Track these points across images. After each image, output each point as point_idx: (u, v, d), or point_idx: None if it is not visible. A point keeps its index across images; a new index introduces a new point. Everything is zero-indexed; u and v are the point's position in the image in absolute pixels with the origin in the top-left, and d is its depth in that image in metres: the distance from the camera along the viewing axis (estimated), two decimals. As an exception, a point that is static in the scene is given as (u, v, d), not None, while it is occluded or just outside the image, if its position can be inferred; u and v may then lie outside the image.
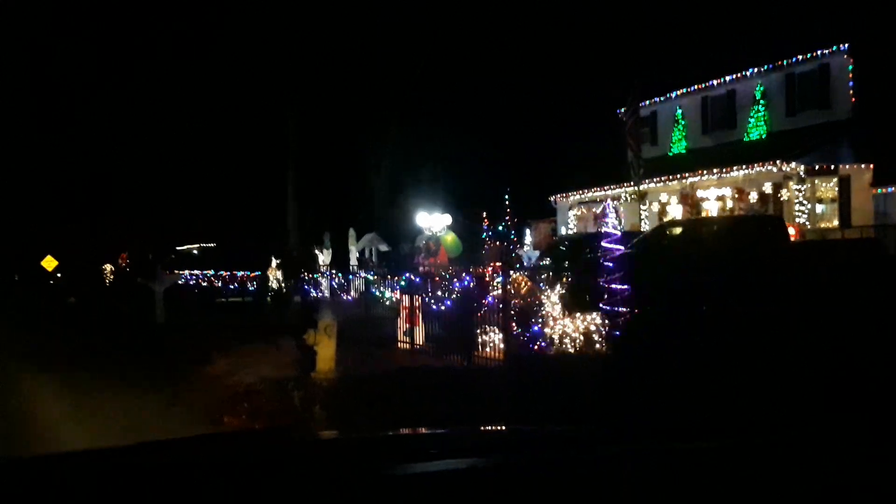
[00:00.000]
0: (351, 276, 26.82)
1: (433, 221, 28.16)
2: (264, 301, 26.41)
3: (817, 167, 25.11)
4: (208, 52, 43.04)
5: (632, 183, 29.08)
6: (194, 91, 44.76)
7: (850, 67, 26.13)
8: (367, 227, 38.04)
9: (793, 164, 24.81)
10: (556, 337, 14.33)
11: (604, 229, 16.41)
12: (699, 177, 28.48)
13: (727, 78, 31.12)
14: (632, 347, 14.56)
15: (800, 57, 27.78)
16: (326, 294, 25.46)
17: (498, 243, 24.43)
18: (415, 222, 30.57)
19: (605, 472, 2.37)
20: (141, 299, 24.61)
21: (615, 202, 33.83)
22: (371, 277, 23.93)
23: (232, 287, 29.91)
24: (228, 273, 30.46)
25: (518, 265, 20.70)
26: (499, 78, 45.85)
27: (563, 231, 37.56)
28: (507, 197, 28.92)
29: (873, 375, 10.04)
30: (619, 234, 16.15)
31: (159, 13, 44.95)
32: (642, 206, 32.49)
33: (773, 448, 2.59)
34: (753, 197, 27.37)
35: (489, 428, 3.49)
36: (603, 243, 16.16)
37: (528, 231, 39.60)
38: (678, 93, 33.78)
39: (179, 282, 27.88)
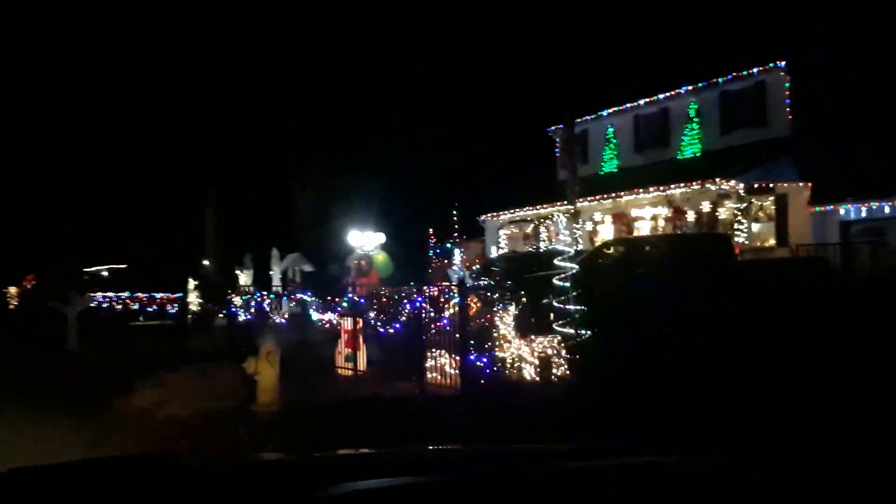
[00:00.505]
0: (285, 298, 25.44)
1: (366, 240, 27.08)
2: (186, 324, 24.87)
3: (756, 185, 24.81)
4: (122, 63, 41.27)
5: (565, 202, 28.51)
6: (105, 104, 42.84)
7: (787, 85, 25.99)
8: (291, 246, 36.67)
9: (732, 182, 24.46)
10: (511, 361, 13.39)
11: (558, 246, 15.58)
12: (635, 195, 27.99)
13: (660, 96, 30.83)
14: (590, 370, 13.76)
15: (735, 74, 27.58)
16: (251, 317, 24.03)
17: (445, 262, 23.51)
18: (345, 242, 29.47)
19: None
20: (52, 324, 22.83)
21: (548, 221, 33.34)
22: (309, 299, 22.64)
23: (150, 310, 28.23)
24: (146, 295, 28.78)
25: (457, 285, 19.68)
26: (427, 98, 45.15)
27: (493, 251, 36.79)
28: (454, 213, 28.02)
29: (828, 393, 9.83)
30: (572, 251, 15.32)
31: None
32: (575, 225, 31.84)
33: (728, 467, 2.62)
34: (691, 215, 27.01)
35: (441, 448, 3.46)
36: (556, 261, 15.32)
37: (457, 251, 38.78)
38: (610, 111, 33.40)
39: (92, 305, 26.15)
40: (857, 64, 24.35)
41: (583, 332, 14.58)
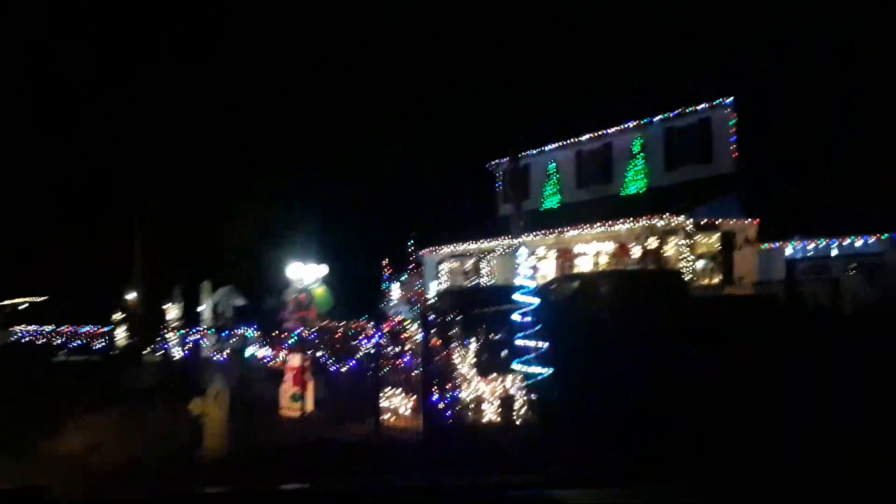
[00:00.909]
0: (225, 334, 24.25)
1: (306, 273, 26.07)
2: (114, 360, 23.54)
3: (704, 221, 24.64)
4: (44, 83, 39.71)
5: (508, 236, 28.01)
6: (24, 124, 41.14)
7: (733, 122, 25.96)
8: (223, 279, 35.39)
9: (681, 218, 24.21)
10: (473, 401, 12.62)
11: (518, 281, 14.91)
12: (580, 230, 27.60)
13: (604, 131, 30.63)
14: (555, 411, 13.08)
15: (680, 111, 27.50)
16: (187, 352, 22.79)
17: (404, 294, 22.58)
18: (283, 274, 28.43)
19: None
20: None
21: (490, 255, 32.80)
22: (252, 334, 21.53)
23: (75, 344, 26.75)
24: (71, 328, 27.30)
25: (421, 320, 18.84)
26: (365, 130, 44.49)
27: (434, 286, 36.08)
28: (411, 243, 27.17)
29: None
30: (534, 285, 14.65)
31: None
32: (517, 261, 31.30)
33: None
34: (636, 252, 26.70)
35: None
36: (517, 296, 14.63)
37: (394, 285, 37.93)
38: (552, 146, 33.10)
39: (11, 339, 24.64)
40: (803, 101, 24.42)
41: (542, 370, 13.88)
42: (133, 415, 12.79)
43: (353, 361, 13.19)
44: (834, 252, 23.15)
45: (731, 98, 25.94)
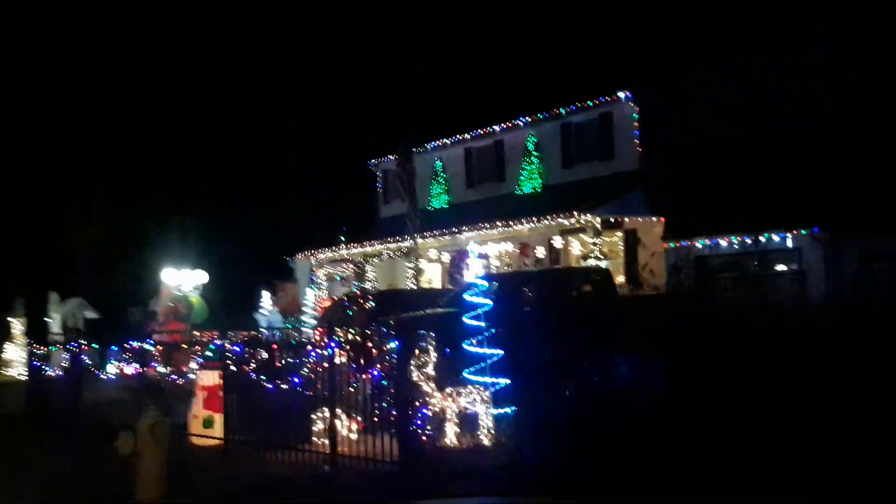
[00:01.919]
0: (115, 348, 21.32)
1: (184, 279, 23.48)
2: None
3: (613, 220, 23.62)
4: None
5: (394, 238, 26.36)
6: None
7: (636, 116, 25.09)
8: (73, 290, 32.01)
9: (588, 216, 23.08)
10: (437, 419, 10.80)
11: (467, 279, 13.18)
12: (478, 230, 26.12)
13: (495, 128, 29.32)
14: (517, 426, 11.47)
15: (578, 105, 26.47)
16: (61, 373, 19.75)
17: (334, 299, 20.22)
18: (150, 283, 25.73)
19: None
20: None
21: (377, 259, 30.89)
22: (151, 348, 18.81)
23: None
24: None
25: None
26: (239, 129, 41.76)
27: (311, 293, 33.81)
28: (342, 238, 24.79)
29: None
30: (487, 285, 12.93)
31: None
32: (408, 264, 29.61)
33: None
34: (540, 252, 25.48)
35: None
36: (466, 296, 12.89)
37: (266, 293, 35.24)
38: (438, 143, 31.57)
39: None
40: (709, 94, 23.82)
41: (498, 381, 12.19)
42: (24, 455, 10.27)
43: (296, 377, 11.07)
44: (746, 249, 22.51)
45: (632, 93, 25.04)
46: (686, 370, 12.36)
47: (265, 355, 12.25)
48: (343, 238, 31.99)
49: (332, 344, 10.30)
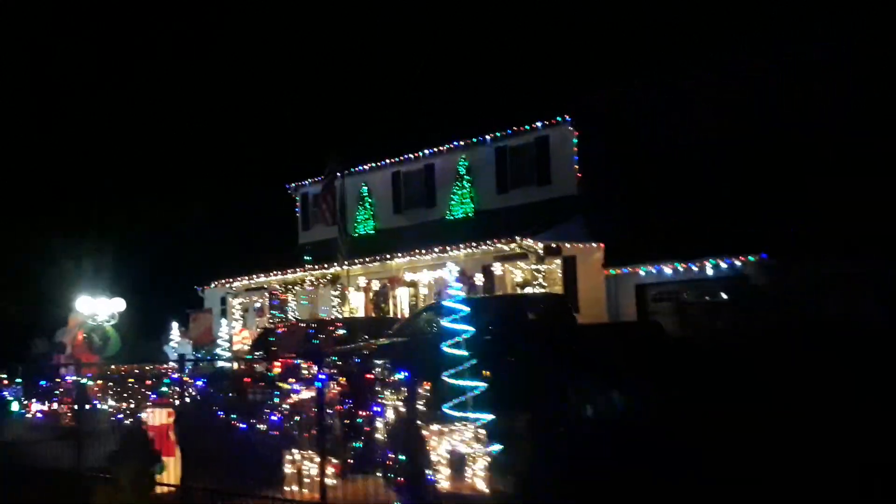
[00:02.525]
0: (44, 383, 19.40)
1: (99, 308, 21.67)
2: None
3: (555, 245, 22.93)
4: None
5: (328, 264, 25.15)
6: None
7: (575, 141, 24.53)
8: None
9: (529, 242, 22.30)
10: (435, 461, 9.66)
11: (447, 302, 12.15)
12: (411, 256, 25.07)
13: (425, 151, 28.42)
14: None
15: (514, 129, 25.80)
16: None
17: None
18: (54, 312, 23.81)
19: None
20: None
21: (297, 287, 29.45)
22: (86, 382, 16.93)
23: None
24: None
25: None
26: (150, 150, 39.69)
27: (224, 323, 32.04)
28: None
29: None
30: (466, 309, 11.90)
31: None
32: (333, 292, 28.31)
33: None
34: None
35: None
36: (444, 322, 11.83)
37: (175, 324, 33.24)
38: (365, 167, 30.47)
39: None
40: (649, 118, 23.45)
41: (482, 416, 11.12)
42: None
43: (275, 415, 9.77)
44: (691, 276, 22.07)
45: (571, 116, 24.51)
46: (682, 400, 11.58)
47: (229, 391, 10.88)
48: (253, 266, 30.46)
49: (322, 375, 9.06)
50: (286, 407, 9.84)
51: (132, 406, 13.51)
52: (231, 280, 31.65)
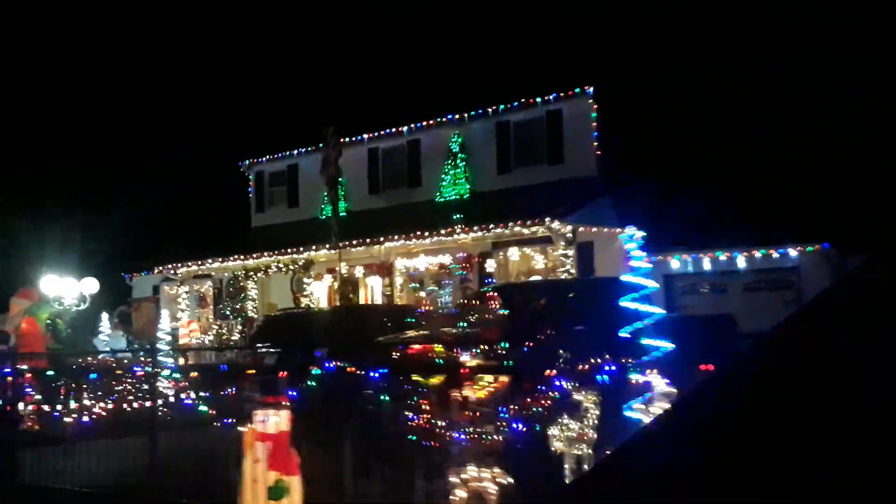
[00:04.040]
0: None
1: (65, 290, 18.10)
2: None
3: (582, 229, 20.57)
4: None
5: (327, 245, 22.14)
6: None
7: (594, 115, 22.23)
8: None
9: (556, 224, 19.87)
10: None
11: (628, 277, 9.67)
12: (404, 240, 22.32)
13: (412, 126, 25.64)
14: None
15: (521, 102, 23.32)
16: None
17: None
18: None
19: None
20: None
21: (260, 274, 26.26)
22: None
23: None
24: None
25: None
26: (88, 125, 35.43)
27: (166, 315, 28.42)
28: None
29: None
30: (652, 285, 9.41)
31: None
32: (306, 280, 25.22)
33: None
34: (491, 265, 22.03)
35: None
36: (625, 302, 9.32)
37: (104, 315, 29.24)
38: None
39: None
40: (683, 92, 21.44)
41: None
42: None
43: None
44: (733, 266, 20.13)
45: (592, 88, 22.21)
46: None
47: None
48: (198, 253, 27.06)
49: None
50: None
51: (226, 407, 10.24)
52: (176, 266, 28.02)
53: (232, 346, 20.29)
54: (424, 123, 25.34)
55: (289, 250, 24.71)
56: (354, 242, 22.22)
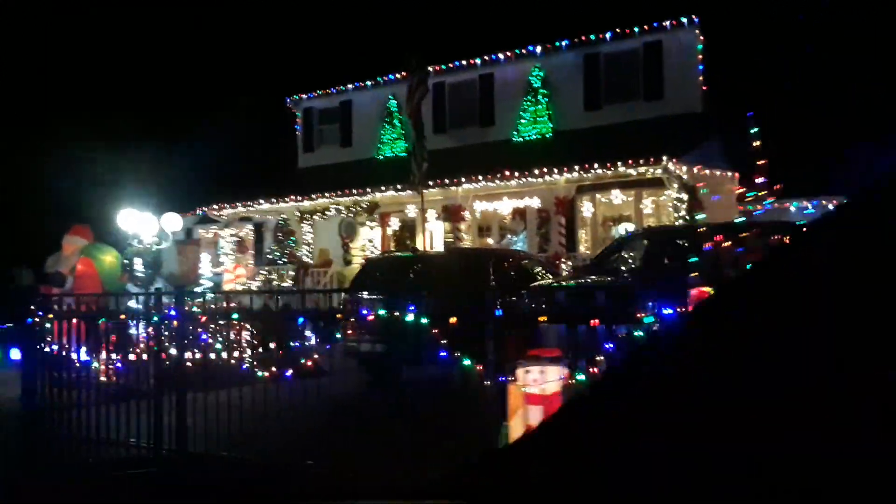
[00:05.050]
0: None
1: (145, 226, 16.09)
2: None
3: (697, 171, 18.67)
4: None
5: (412, 181, 20.12)
6: None
7: (700, 47, 20.23)
8: None
9: (669, 164, 17.96)
10: None
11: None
12: (487, 182, 20.42)
13: (485, 58, 23.55)
14: None
15: (616, 32, 21.29)
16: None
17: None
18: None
19: None
20: None
21: (316, 217, 24.29)
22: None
23: None
24: None
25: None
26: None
27: (207, 258, 26.45)
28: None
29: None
30: None
31: None
32: (370, 222, 23.29)
33: None
34: (587, 209, 20.17)
35: None
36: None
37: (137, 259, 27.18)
38: (396, 76, 25.28)
39: None
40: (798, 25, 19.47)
41: None
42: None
43: None
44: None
45: (698, 17, 20.18)
46: None
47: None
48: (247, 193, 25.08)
49: None
50: None
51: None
52: (223, 206, 25.92)
53: (342, 289, 18.40)
54: (501, 56, 23.25)
55: (353, 191, 22.71)
56: (430, 183, 20.15)
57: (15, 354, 15.99)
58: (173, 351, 8.04)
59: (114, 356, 9.40)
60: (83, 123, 29.93)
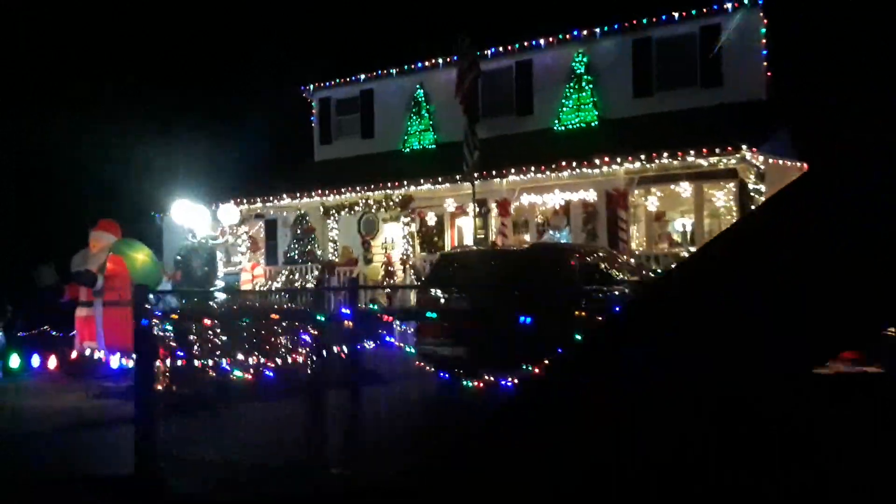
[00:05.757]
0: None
1: (196, 218, 14.54)
2: None
3: (771, 161, 17.54)
4: None
5: (464, 171, 18.81)
6: None
7: (763, 31, 19.12)
8: None
9: (747, 154, 16.81)
10: None
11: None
12: (538, 173, 19.17)
13: (524, 44, 22.29)
14: None
15: (669, 15, 20.11)
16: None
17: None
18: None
19: None
20: None
21: (343, 213, 22.89)
22: None
23: None
24: None
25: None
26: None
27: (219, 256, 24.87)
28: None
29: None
30: None
31: None
32: (404, 219, 21.90)
33: None
34: (653, 202, 18.98)
35: None
36: None
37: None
38: (422, 64, 23.93)
39: None
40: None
41: None
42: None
43: None
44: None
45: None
46: None
47: None
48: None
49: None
50: None
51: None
52: (238, 202, 24.34)
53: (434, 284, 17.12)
54: (541, 41, 21.98)
55: (386, 184, 21.32)
56: (475, 175, 18.82)
57: (35, 361, 14.50)
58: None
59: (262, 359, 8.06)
60: (94, 116, 28.19)
